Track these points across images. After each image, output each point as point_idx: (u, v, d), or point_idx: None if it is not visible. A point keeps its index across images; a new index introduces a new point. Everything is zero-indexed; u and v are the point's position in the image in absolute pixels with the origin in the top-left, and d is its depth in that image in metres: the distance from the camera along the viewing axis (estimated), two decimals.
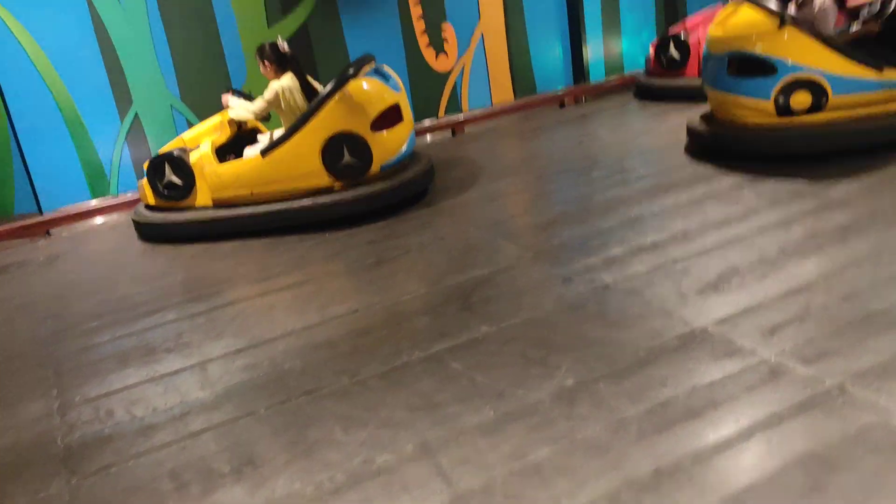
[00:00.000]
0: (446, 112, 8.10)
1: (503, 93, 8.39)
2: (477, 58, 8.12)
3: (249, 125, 5.99)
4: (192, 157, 5.48)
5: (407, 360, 3.35)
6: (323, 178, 5.39)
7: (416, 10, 7.65)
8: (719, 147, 5.48)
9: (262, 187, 5.43)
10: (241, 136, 5.90)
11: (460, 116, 8.08)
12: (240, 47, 7.01)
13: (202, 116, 6.85)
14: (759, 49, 5.06)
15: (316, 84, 5.65)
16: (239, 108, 5.50)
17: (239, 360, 3.60)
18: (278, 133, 5.60)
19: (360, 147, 5.30)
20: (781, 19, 4.96)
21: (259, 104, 5.43)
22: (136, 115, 6.76)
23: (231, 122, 5.79)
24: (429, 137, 7.97)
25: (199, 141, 5.65)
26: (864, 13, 5.27)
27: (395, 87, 5.58)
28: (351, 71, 5.32)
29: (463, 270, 4.26)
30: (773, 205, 4.49)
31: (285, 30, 7.14)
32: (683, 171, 5.37)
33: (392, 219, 5.38)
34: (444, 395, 3.03)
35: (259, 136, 5.94)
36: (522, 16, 8.24)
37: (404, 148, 5.58)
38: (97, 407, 3.38)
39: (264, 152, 5.37)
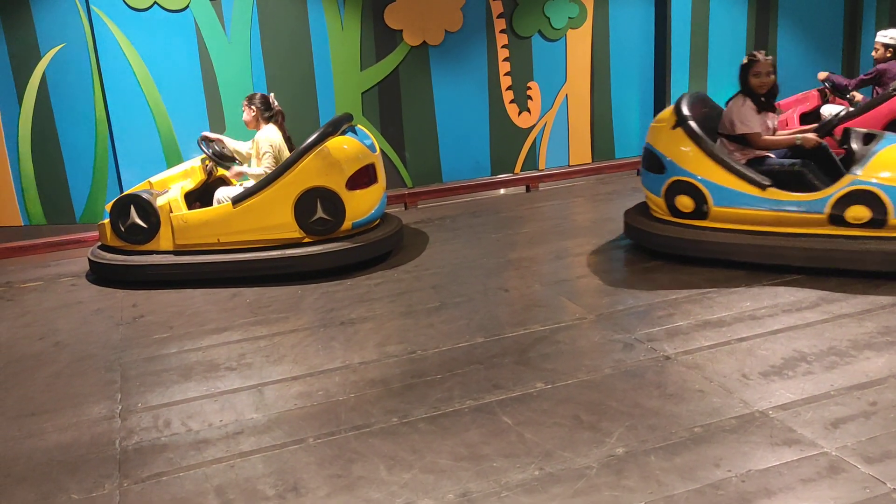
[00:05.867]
0: (523, 168, 8.19)
1: (581, 154, 8.44)
2: (559, 118, 8.22)
3: (218, 174, 6.01)
4: (160, 201, 5.44)
5: (458, 407, 3.37)
6: (292, 232, 5.36)
7: (504, 67, 7.82)
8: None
9: (229, 236, 5.40)
10: (209, 185, 5.89)
11: (536, 173, 8.15)
12: (332, 86, 7.29)
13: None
14: (658, 146, 5.05)
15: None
16: (254, 168, 5.54)
17: (295, 387, 3.69)
18: (249, 184, 5.57)
19: (333, 203, 5.31)
20: (678, 119, 4.89)
21: (267, 162, 5.45)
22: None
23: (203, 168, 5.83)
24: (502, 191, 8.06)
25: (167, 185, 5.66)
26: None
27: (373, 148, 5.62)
28: (331, 128, 5.36)
29: (524, 324, 4.28)
30: (847, 296, 4.36)
31: (377, 74, 7.40)
32: None
33: (458, 265, 5.44)
34: (491, 447, 3.03)
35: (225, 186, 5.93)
36: (609, 82, 8.32)
37: (376, 208, 5.61)
38: (157, 416, 3.50)
39: (236, 201, 5.35)
